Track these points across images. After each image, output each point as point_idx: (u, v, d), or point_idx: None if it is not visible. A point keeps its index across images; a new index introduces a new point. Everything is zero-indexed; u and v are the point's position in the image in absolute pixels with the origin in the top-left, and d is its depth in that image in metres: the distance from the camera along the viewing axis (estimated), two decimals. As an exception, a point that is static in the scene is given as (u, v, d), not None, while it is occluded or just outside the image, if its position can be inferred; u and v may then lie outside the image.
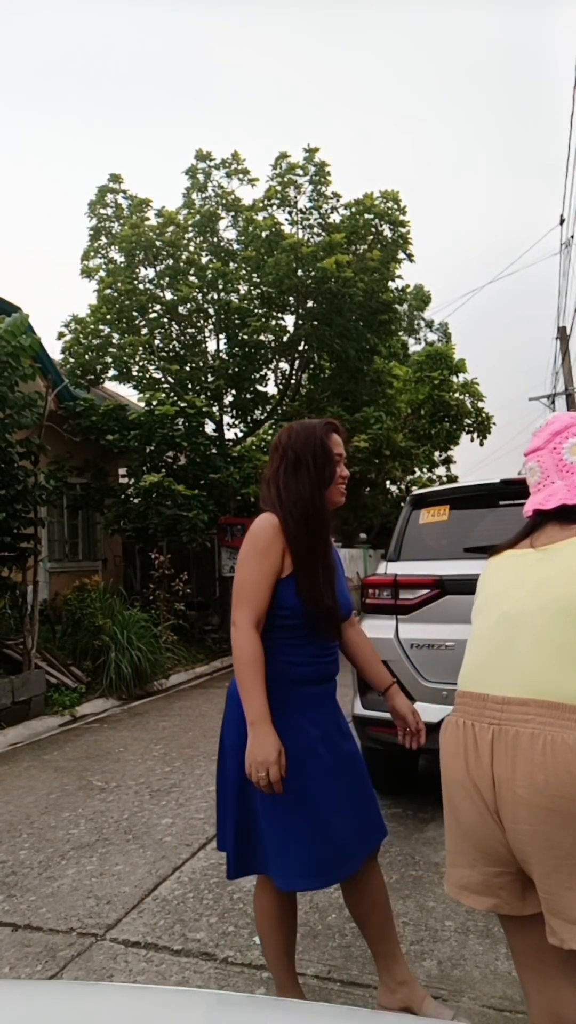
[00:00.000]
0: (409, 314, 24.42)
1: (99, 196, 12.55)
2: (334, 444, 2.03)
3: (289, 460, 1.99)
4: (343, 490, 2.06)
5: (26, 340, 6.65)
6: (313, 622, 1.92)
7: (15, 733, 6.30)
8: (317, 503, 1.96)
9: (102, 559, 12.20)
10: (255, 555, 1.91)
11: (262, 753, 1.79)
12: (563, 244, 17.16)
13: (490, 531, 3.53)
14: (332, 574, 1.97)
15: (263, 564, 1.89)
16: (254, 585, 1.89)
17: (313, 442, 1.99)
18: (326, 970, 2.42)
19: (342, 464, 2.05)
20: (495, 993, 2.25)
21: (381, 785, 4.17)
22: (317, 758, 1.91)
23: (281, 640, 1.92)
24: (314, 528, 1.94)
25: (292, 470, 1.98)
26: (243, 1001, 1.49)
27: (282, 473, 1.99)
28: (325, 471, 1.99)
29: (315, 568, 1.92)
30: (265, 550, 1.90)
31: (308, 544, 1.92)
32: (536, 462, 1.64)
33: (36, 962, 2.57)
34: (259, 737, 1.81)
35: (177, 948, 2.60)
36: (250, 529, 1.95)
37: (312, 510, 1.95)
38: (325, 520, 1.98)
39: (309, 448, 1.98)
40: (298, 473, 1.97)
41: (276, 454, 2.04)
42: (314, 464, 1.97)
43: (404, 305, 18.44)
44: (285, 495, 1.96)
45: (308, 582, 1.90)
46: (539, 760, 1.35)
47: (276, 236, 11.85)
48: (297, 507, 1.94)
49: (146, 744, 5.83)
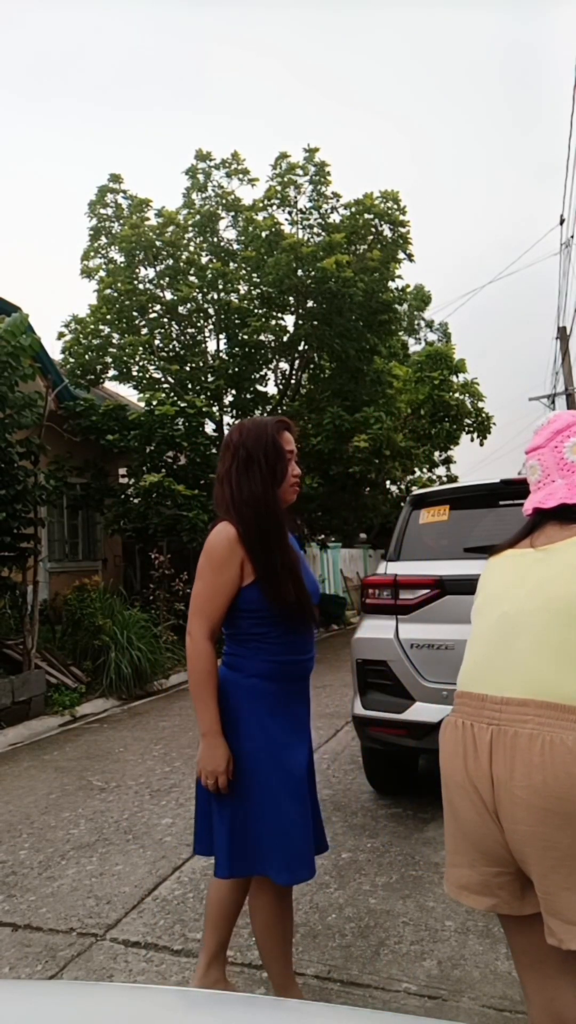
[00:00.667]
0: (409, 314, 24.39)
1: (99, 196, 12.55)
2: (285, 442, 2.04)
3: (241, 458, 1.99)
4: (296, 487, 2.07)
5: (26, 340, 6.65)
6: (287, 618, 1.95)
7: (15, 733, 6.30)
8: (270, 501, 1.97)
9: (102, 559, 12.19)
10: (212, 568, 1.93)
11: (212, 763, 1.89)
12: (563, 244, 17.17)
13: (490, 531, 3.53)
14: (296, 567, 1.98)
15: (220, 577, 1.92)
16: (210, 597, 1.93)
17: (265, 440, 1.99)
18: (326, 970, 2.42)
19: (294, 462, 2.06)
20: (495, 993, 2.25)
21: (381, 785, 4.19)
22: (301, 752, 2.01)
23: (267, 640, 1.96)
24: (268, 526, 1.95)
25: (244, 468, 1.98)
26: (243, 1001, 1.49)
27: (234, 471, 1.99)
28: (277, 469, 1.99)
29: (276, 569, 1.93)
30: (222, 563, 1.92)
31: (265, 547, 1.93)
32: (537, 460, 1.64)
33: (36, 962, 2.57)
34: (211, 748, 1.89)
35: (177, 948, 2.60)
36: (207, 541, 1.97)
37: (265, 508, 1.96)
38: (279, 517, 1.98)
39: (261, 446, 1.99)
40: (250, 471, 1.97)
41: (228, 452, 2.04)
42: (266, 462, 1.98)
43: (404, 305, 18.42)
44: (238, 493, 1.97)
45: (272, 584, 1.92)
46: (537, 761, 1.35)
47: (276, 236, 11.84)
48: (250, 505, 1.95)
49: (146, 744, 5.83)
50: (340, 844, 3.50)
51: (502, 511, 3.63)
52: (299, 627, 2.00)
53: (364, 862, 3.28)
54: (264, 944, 2.06)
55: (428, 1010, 2.19)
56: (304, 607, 1.97)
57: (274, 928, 2.04)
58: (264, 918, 2.04)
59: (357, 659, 3.82)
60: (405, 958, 2.47)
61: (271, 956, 2.06)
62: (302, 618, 1.99)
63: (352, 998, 2.25)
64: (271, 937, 2.04)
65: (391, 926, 2.69)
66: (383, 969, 2.41)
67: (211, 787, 1.90)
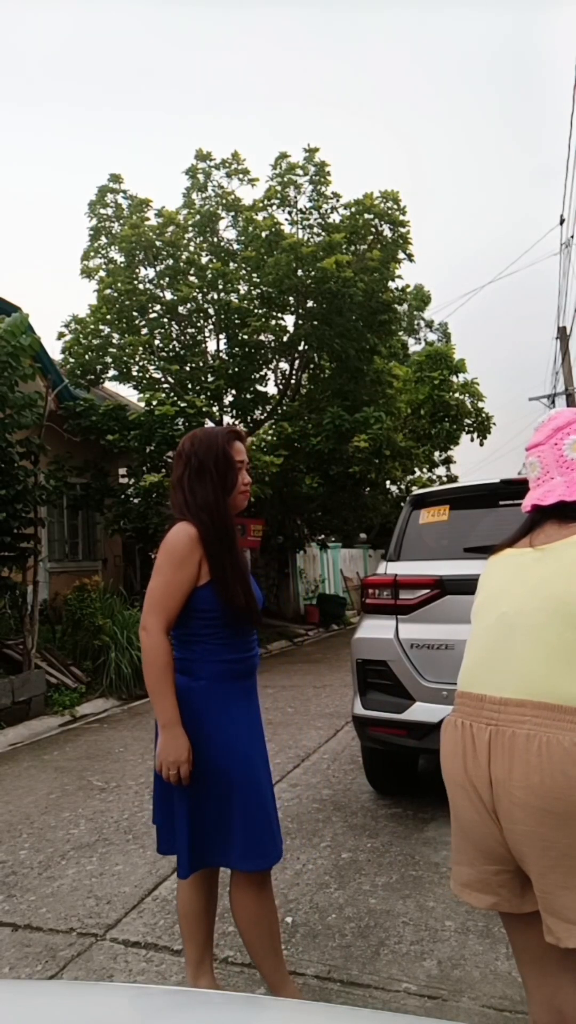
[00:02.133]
0: (409, 314, 24.38)
1: (99, 196, 12.56)
2: (236, 452, 2.12)
3: (193, 467, 2.09)
4: (246, 494, 2.17)
5: (26, 340, 6.66)
6: (234, 620, 2.04)
7: (15, 733, 6.30)
8: (222, 508, 2.06)
9: (102, 559, 12.19)
10: (171, 564, 2.00)
11: (174, 753, 1.93)
12: (563, 244, 17.15)
13: (490, 531, 3.53)
14: (245, 574, 2.07)
15: (179, 573, 1.99)
16: (169, 593, 1.99)
17: (215, 450, 2.09)
18: (326, 970, 2.42)
19: (244, 471, 2.15)
20: (495, 993, 2.25)
21: (381, 785, 4.19)
22: (260, 743, 2.09)
23: (215, 641, 2.03)
24: (221, 532, 2.04)
25: (196, 476, 2.08)
26: (243, 1001, 1.49)
27: (187, 479, 2.09)
28: (227, 478, 2.09)
29: (228, 572, 2.02)
30: (182, 560, 1.99)
31: (221, 550, 2.02)
32: (536, 457, 1.64)
33: (36, 962, 2.57)
34: (172, 739, 1.94)
35: (177, 948, 2.60)
36: (167, 538, 2.04)
37: (217, 515, 2.05)
38: (230, 524, 2.08)
39: (211, 455, 2.08)
40: (202, 479, 2.08)
41: (180, 461, 2.13)
42: (216, 471, 2.08)
43: (404, 305, 18.39)
44: (191, 499, 2.06)
45: (225, 586, 2.00)
46: (535, 761, 1.36)
47: (276, 236, 11.84)
48: (204, 511, 2.04)
49: (146, 744, 5.83)
50: (340, 844, 3.50)
51: (502, 511, 3.63)
52: (245, 628, 2.08)
53: (364, 862, 3.28)
54: (251, 942, 2.07)
55: (428, 1010, 2.19)
56: (252, 610, 2.06)
57: (259, 923, 2.05)
58: (246, 914, 2.05)
59: (357, 659, 3.82)
60: (405, 958, 2.47)
61: (260, 953, 2.07)
62: (248, 620, 2.07)
63: (352, 998, 2.25)
64: (258, 934, 2.05)
65: (391, 926, 2.69)
66: (383, 969, 2.41)
67: (173, 778, 1.94)
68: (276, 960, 2.07)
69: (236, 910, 2.08)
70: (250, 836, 1.98)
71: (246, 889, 2.04)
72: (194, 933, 2.14)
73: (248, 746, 2.03)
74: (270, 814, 2.04)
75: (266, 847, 2.01)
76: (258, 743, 2.09)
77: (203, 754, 1.97)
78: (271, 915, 2.09)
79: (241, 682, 2.09)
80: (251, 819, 1.98)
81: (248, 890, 2.04)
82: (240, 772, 1.99)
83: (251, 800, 1.99)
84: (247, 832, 1.98)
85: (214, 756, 1.98)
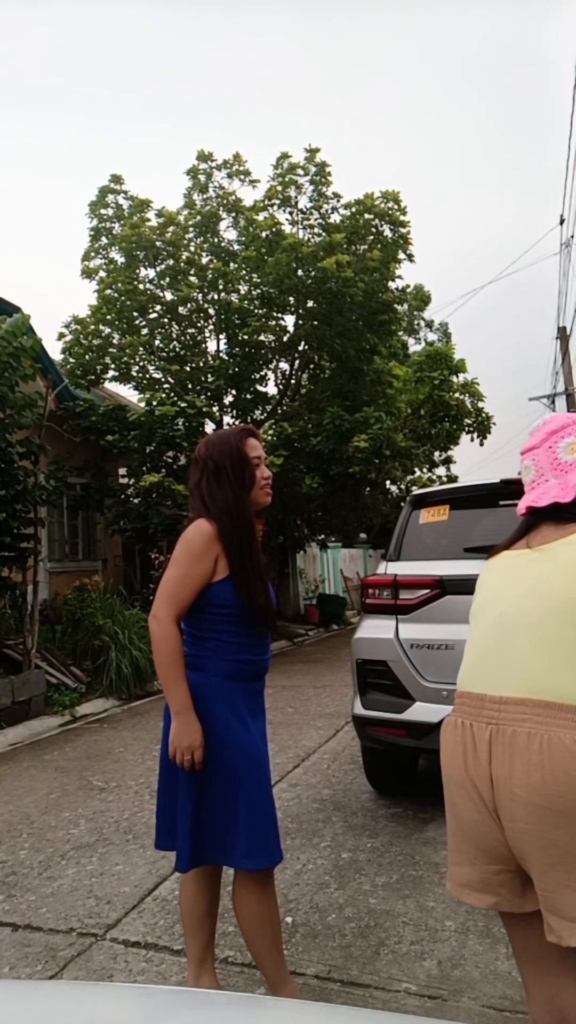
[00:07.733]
0: (409, 314, 24.37)
1: (100, 197, 12.55)
2: (250, 448, 2.13)
3: (210, 470, 2.10)
4: (268, 490, 2.16)
5: (27, 341, 6.66)
6: (251, 619, 2.04)
7: (15, 733, 6.30)
8: (242, 507, 2.07)
9: (102, 559, 12.19)
10: (189, 557, 2.01)
11: (188, 739, 1.95)
12: (563, 244, 17.14)
13: (490, 531, 3.53)
14: (264, 574, 2.08)
15: (196, 567, 2.00)
16: (184, 585, 2.00)
17: (230, 449, 2.10)
18: (326, 970, 2.42)
19: (263, 466, 2.15)
20: (495, 993, 2.25)
21: (381, 785, 4.19)
22: (265, 744, 2.10)
23: (228, 639, 2.03)
24: (241, 532, 2.04)
25: (214, 478, 2.09)
26: (243, 1001, 1.49)
27: (204, 484, 2.10)
28: (244, 475, 2.10)
29: (248, 570, 2.03)
30: (200, 554, 2.00)
31: (241, 548, 2.03)
32: (531, 460, 1.66)
33: (36, 962, 2.57)
34: (185, 725, 1.96)
35: (177, 948, 2.60)
36: (185, 532, 2.05)
37: (238, 515, 2.05)
38: (251, 523, 2.08)
39: (226, 456, 2.09)
40: (220, 481, 2.08)
41: (196, 466, 2.14)
42: (233, 470, 2.08)
43: (404, 305, 18.39)
44: (211, 503, 2.06)
45: (245, 583, 2.01)
46: (536, 759, 1.36)
47: (276, 236, 11.83)
48: (224, 513, 2.04)
49: (146, 744, 5.83)
50: (340, 844, 3.50)
51: (502, 511, 3.63)
52: (259, 629, 2.08)
53: (364, 862, 3.28)
54: (254, 942, 2.07)
55: (428, 1010, 2.19)
56: (268, 611, 2.07)
57: (262, 924, 2.05)
58: (250, 914, 2.05)
59: (357, 659, 3.82)
60: (405, 958, 2.47)
61: (262, 953, 2.07)
62: (264, 621, 2.08)
63: (352, 998, 2.25)
64: (261, 933, 2.05)
65: (391, 926, 2.69)
66: (383, 969, 2.41)
67: (187, 764, 1.95)
68: (277, 959, 2.08)
69: (239, 909, 2.08)
70: (255, 835, 1.98)
71: (250, 888, 2.04)
72: (197, 931, 2.15)
73: (256, 747, 2.04)
74: (273, 814, 2.05)
75: (270, 846, 2.02)
76: (263, 744, 2.10)
77: (211, 751, 1.98)
78: (274, 914, 2.09)
79: (251, 683, 2.10)
80: (256, 818, 1.99)
81: (252, 889, 2.04)
82: (247, 771, 1.99)
83: (256, 799, 2.00)
84: (252, 831, 1.98)
85: (222, 754, 1.99)
